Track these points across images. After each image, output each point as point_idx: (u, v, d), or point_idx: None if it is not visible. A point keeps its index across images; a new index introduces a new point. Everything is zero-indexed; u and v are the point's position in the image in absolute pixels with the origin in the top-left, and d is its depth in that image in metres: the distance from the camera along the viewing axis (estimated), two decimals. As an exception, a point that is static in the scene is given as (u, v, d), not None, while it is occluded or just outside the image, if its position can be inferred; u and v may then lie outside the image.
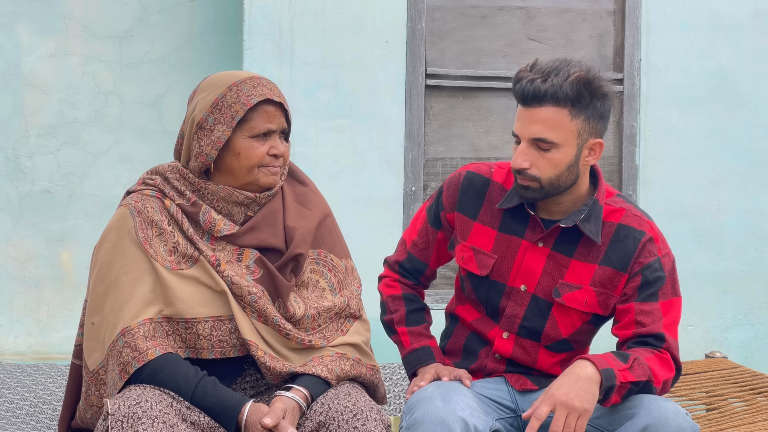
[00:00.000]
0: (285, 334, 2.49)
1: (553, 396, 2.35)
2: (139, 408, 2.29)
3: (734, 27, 4.80)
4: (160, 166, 2.59)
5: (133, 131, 4.98)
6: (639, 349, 2.50)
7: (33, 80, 4.93)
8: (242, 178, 2.52)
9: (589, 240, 2.58)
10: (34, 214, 4.94)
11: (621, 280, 2.58)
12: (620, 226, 2.59)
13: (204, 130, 2.49)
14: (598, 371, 2.38)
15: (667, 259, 2.59)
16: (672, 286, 2.58)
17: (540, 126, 2.47)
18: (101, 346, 2.47)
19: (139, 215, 2.51)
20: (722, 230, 4.81)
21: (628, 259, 2.56)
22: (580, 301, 2.59)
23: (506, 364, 2.68)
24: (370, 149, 4.64)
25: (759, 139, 4.82)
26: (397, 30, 4.64)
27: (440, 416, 2.39)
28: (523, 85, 2.48)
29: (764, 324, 4.84)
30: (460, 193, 2.68)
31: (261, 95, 2.48)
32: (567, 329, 2.63)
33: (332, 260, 2.64)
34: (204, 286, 2.48)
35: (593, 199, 2.57)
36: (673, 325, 2.56)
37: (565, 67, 2.47)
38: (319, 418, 2.41)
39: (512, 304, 2.64)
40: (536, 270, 2.61)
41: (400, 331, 2.73)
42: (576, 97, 2.46)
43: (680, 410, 2.43)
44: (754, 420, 2.98)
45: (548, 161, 2.49)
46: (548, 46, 4.77)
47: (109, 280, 2.49)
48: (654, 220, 2.66)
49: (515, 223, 2.62)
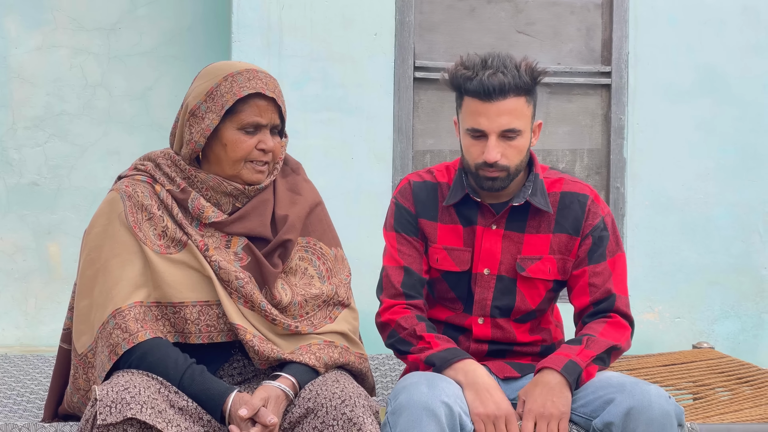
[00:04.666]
0: (272, 320, 2.50)
1: (531, 411, 2.52)
2: (127, 393, 2.29)
3: (722, 21, 4.82)
4: (153, 152, 2.61)
5: (121, 124, 4.97)
6: (591, 324, 2.66)
7: (20, 72, 4.92)
8: (228, 170, 2.53)
9: (537, 213, 2.71)
10: (21, 206, 4.93)
11: (575, 243, 2.72)
12: (563, 194, 2.73)
13: (196, 117, 2.50)
14: (561, 374, 2.53)
15: (609, 217, 2.75)
16: (615, 242, 2.74)
17: (507, 117, 2.57)
18: (90, 329, 2.48)
19: (129, 199, 2.52)
20: (710, 223, 4.83)
21: (579, 222, 2.72)
22: (543, 271, 2.71)
23: (488, 344, 2.77)
24: (359, 142, 4.64)
25: (746, 132, 4.84)
26: (386, 23, 4.64)
27: (425, 401, 2.41)
28: (483, 80, 2.56)
29: (751, 316, 4.86)
30: (415, 201, 2.76)
31: (253, 88, 2.49)
32: (535, 300, 2.74)
33: (321, 248, 2.64)
34: (192, 271, 2.49)
35: (534, 174, 2.70)
36: (622, 281, 2.72)
37: (508, 58, 2.60)
38: (307, 404, 2.41)
39: (479, 289, 2.74)
40: (495, 252, 2.71)
41: (427, 336, 2.64)
42: (531, 84, 2.60)
43: (663, 393, 2.46)
44: (740, 408, 3.00)
45: (515, 149, 2.61)
46: (536, 39, 4.78)
47: (99, 263, 2.49)
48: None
49: (467, 213, 2.73)
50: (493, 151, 2.59)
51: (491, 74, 2.56)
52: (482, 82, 2.56)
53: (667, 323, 4.81)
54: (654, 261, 4.76)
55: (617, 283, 2.70)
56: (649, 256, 4.76)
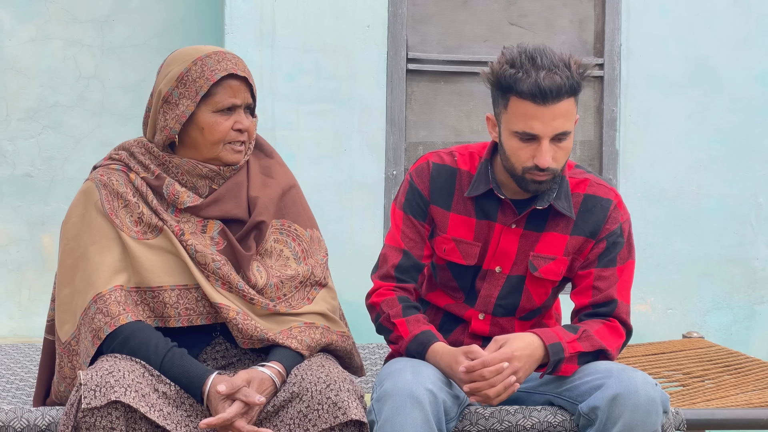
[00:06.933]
0: (249, 299, 2.50)
1: (512, 356, 2.44)
2: (111, 377, 2.29)
3: (714, 13, 4.83)
4: (127, 141, 2.61)
5: (114, 115, 4.98)
6: (589, 321, 2.60)
7: (14, 64, 4.93)
8: (206, 153, 2.53)
9: (558, 214, 2.62)
10: (15, 198, 4.94)
11: (588, 245, 2.64)
12: (587, 197, 2.64)
13: (169, 104, 2.50)
14: (545, 347, 2.49)
15: (627, 224, 2.67)
16: (628, 250, 2.67)
17: (561, 120, 2.47)
18: (73, 316, 2.49)
19: (104, 188, 2.53)
20: (702, 214, 4.84)
21: (599, 227, 2.63)
22: (556, 272, 2.65)
23: (483, 340, 2.70)
24: (352, 133, 4.65)
25: (738, 123, 4.85)
26: (379, 14, 4.65)
27: (409, 388, 2.40)
28: (538, 83, 2.43)
29: (743, 307, 4.87)
30: (431, 184, 2.66)
31: (225, 70, 2.49)
32: (541, 298, 2.69)
33: (296, 230, 2.64)
34: (169, 255, 2.49)
35: (560, 176, 2.60)
36: (626, 289, 2.66)
37: (555, 55, 2.47)
38: (292, 389, 2.41)
39: (487, 285, 2.68)
40: (511, 251, 2.64)
41: (398, 322, 2.60)
42: (581, 83, 2.49)
43: (649, 380, 2.46)
44: (726, 395, 3.01)
45: (564, 151, 2.52)
46: (529, 31, 4.79)
47: (78, 252, 2.50)
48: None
49: (487, 207, 2.64)
50: (547, 156, 2.47)
51: (546, 75, 2.43)
52: (538, 84, 2.42)
53: (659, 314, 4.82)
54: (646, 252, 4.77)
55: (621, 290, 2.63)
56: (641, 248, 4.77)
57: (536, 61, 2.45)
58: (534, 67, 2.44)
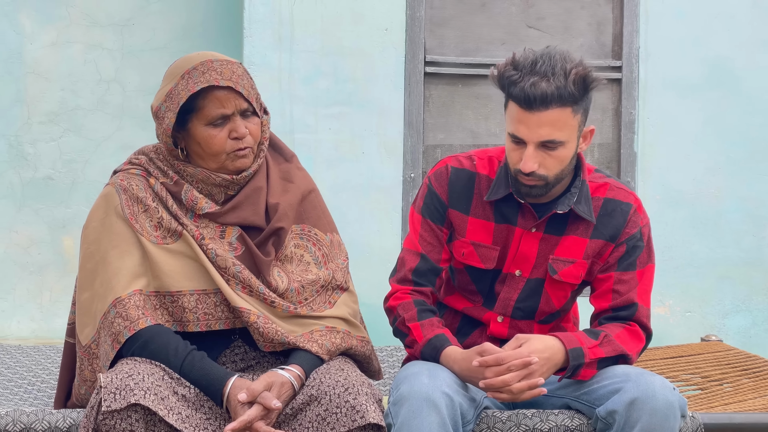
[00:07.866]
0: (270, 303, 2.51)
1: (536, 351, 2.45)
2: (131, 380, 2.31)
3: (732, 15, 4.82)
4: (146, 146, 2.63)
5: (134, 119, 5.02)
6: (609, 325, 2.60)
7: (35, 68, 4.97)
8: (212, 164, 2.55)
9: (579, 218, 2.62)
10: (36, 200, 4.98)
11: (608, 249, 2.64)
12: (607, 200, 2.64)
13: (158, 119, 2.53)
14: (565, 351, 2.49)
15: (646, 228, 2.66)
16: (648, 254, 2.66)
17: (548, 128, 2.45)
18: (93, 320, 2.51)
19: (125, 193, 2.55)
20: (720, 217, 4.83)
21: (618, 231, 2.63)
22: (575, 276, 2.65)
23: (501, 343, 2.69)
24: (370, 136, 4.67)
25: (756, 126, 4.83)
26: (396, 18, 4.67)
27: (426, 392, 2.40)
28: (525, 89, 2.42)
29: (762, 310, 4.85)
30: (449, 189, 2.66)
31: (206, 81, 2.47)
32: (560, 301, 2.69)
33: (316, 234, 2.65)
34: (189, 260, 2.51)
35: (581, 180, 2.60)
36: (646, 293, 2.65)
37: (559, 63, 2.43)
38: (310, 392, 2.42)
39: (507, 288, 2.68)
40: (531, 255, 2.64)
41: (413, 326, 2.60)
42: (578, 95, 2.45)
43: (667, 384, 2.46)
44: (744, 398, 3.00)
45: (555, 159, 2.49)
46: (547, 34, 4.79)
47: (98, 256, 2.52)
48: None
49: (507, 211, 2.64)
50: (530, 161, 2.47)
51: (535, 82, 2.41)
52: (524, 90, 2.41)
53: (677, 317, 4.81)
54: (665, 255, 4.76)
55: (641, 293, 2.63)
56: (659, 250, 4.75)
57: (535, 66, 2.43)
58: (531, 72, 2.43)
